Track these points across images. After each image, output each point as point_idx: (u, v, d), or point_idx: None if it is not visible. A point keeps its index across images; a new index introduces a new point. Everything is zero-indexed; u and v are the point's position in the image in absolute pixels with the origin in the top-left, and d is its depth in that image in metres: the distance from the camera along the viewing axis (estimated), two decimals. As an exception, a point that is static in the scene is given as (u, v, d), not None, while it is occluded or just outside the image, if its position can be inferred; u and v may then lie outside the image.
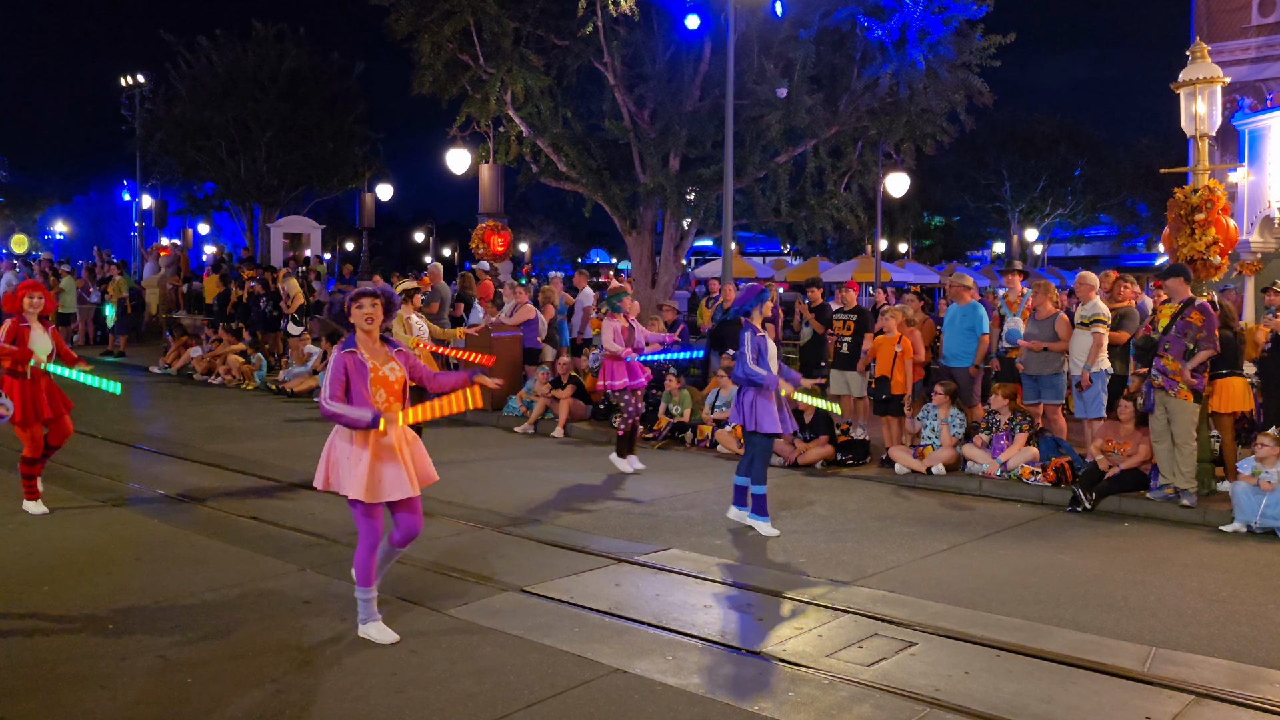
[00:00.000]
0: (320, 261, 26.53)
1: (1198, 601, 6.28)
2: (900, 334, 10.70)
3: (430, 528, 7.73)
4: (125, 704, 4.46)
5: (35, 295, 7.86)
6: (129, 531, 7.30)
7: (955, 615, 5.89)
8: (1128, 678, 4.99)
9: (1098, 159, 46.85)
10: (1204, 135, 9.15)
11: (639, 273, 19.53)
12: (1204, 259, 8.95)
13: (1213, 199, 8.91)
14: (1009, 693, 4.77)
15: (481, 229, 18.73)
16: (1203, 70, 9.12)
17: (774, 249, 52.68)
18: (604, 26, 17.05)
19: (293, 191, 31.10)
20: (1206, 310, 8.48)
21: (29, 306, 7.80)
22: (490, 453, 11.24)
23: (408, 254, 57.56)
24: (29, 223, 56.68)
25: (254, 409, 14.36)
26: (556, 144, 18.56)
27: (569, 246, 66.92)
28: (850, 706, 4.60)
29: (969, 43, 16.90)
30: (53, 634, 5.26)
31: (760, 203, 18.92)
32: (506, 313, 14.34)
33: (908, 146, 19.03)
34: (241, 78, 28.80)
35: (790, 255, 44.99)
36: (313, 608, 5.81)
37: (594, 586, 6.26)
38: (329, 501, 8.53)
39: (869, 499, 9.21)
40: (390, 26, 18.01)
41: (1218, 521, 8.18)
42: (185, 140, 29.27)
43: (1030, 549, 7.53)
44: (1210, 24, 21.65)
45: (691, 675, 4.92)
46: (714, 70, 17.53)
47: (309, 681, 4.74)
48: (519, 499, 8.84)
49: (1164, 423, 8.58)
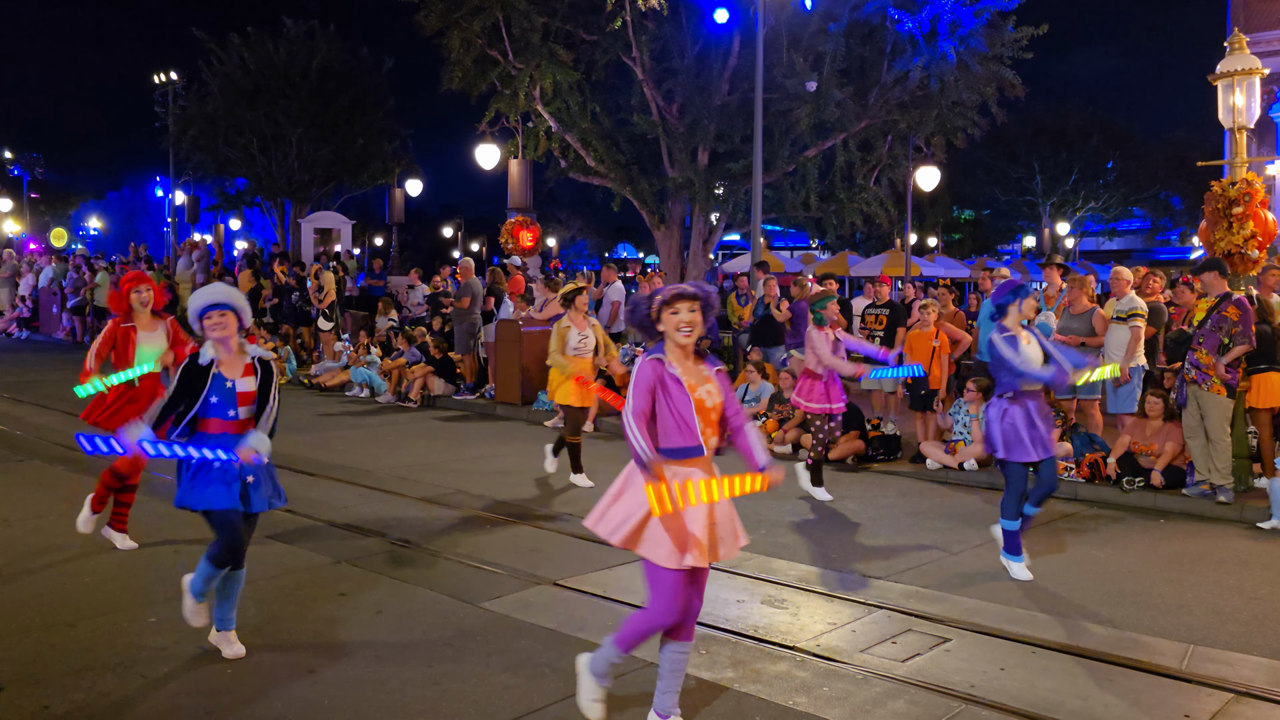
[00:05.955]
0: (350, 257, 26.71)
1: (1235, 599, 6.21)
2: (937, 328, 10.64)
3: (463, 521, 7.81)
4: (166, 694, 4.52)
5: (143, 289, 6.77)
6: (166, 525, 7.38)
7: (989, 611, 5.86)
8: (1165, 675, 4.95)
9: (1130, 151, 46.32)
10: (1242, 127, 9.04)
11: (667, 267, 19.54)
12: (1242, 253, 8.85)
13: (1251, 192, 8.81)
14: (1044, 690, 4.75)
15: (510, 224, 18.81)
16: (1241, 61, 9.00)
17: (803, 243, 52.53)
18: (632, 21, 17.07)
19: (323, 187, 31.36)
20: (1243, 305, 8.37)
21: (137, 303, 6.73)
22: (520, 446, 11.28)
23: (436, 249, 57.81)
24: (64, 218, 57.51)
25: (286, 403, 14.43)
26: (585, 139, 18.60)
27: (596, 241, 66.99)
28: (885, 702, 4.59)
29: (1000, 34, 16.78)
30: (94, 624, 5.34)
31: (789, 197, 18.89)
32: (536, 307, 14.38)
33: (938, 140, 18.94)
34: (273, 75, 29.07)
35: (819, 249, 44.83)
36: (348, 600, 5.86)
37: (626, 580, 6.28)
38: (361, 494, 8.62)
39: (901, 494, 9.17)
40: (419, 23, 18.12)
41: (1255, 518, 8.08)
42: (217, 137, 29.58)
43: (1064, 545, 7.47)
44: (1247, 14, 21.36)
45: (725, 669, 4.93)
46: (742, 64, 17.51)
47: (346, 673, 4.79)
48: (550, 493, 8.88)
49: (1197, 418, 8.49)
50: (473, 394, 14.64)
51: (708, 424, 4.09)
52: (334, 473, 9.48)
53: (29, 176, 46.20)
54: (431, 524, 7.69)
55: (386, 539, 7.22)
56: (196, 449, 4.56)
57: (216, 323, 4.82)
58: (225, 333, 4.83)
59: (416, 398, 14.41)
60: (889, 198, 19.99)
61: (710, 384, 4.13)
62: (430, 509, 8.21)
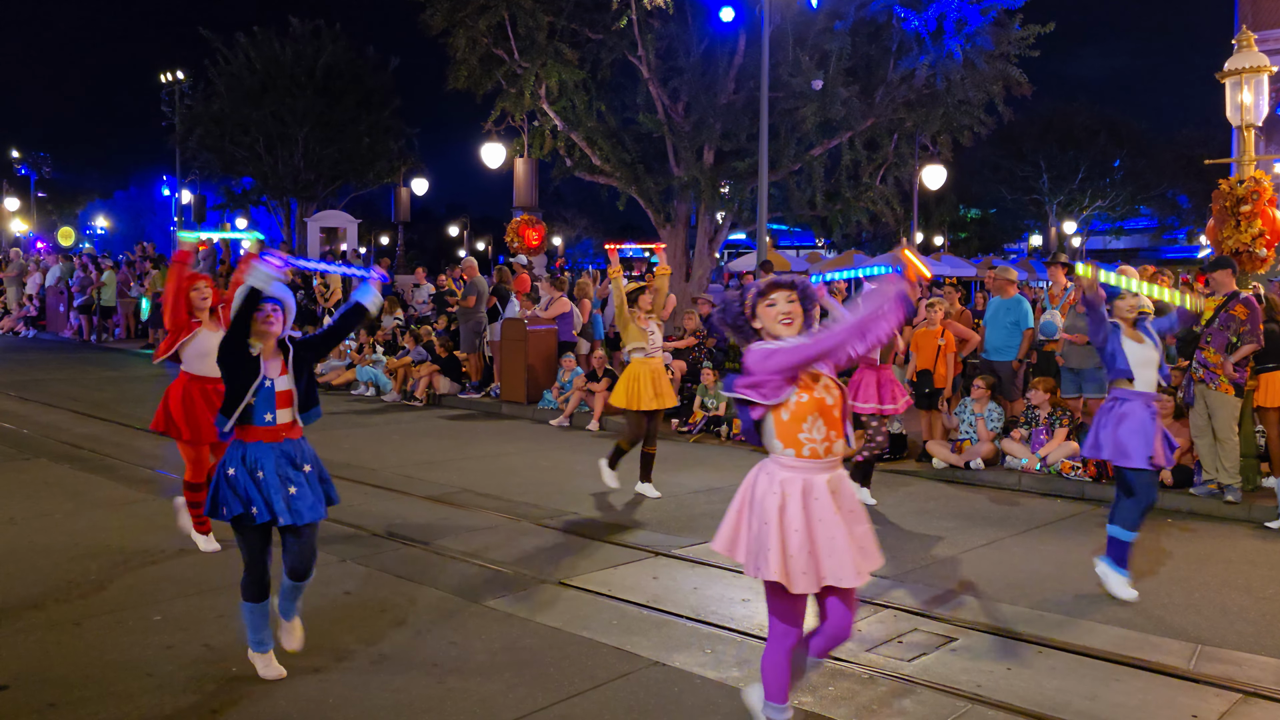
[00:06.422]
0: (357, 255, 26.73)
1: (1243, 598, 6.18)
2: (943, 326, 10.62)
3: (468, 520, 7.81)
4: (173, 691, 4.52)
5: (202, 285, 6.65)
6: (173, 523, 7.39)
7: (996, 611, 5.84)
8: (1173, 675, 4.93)
9: (1138, 150, 46.22)
10: (1250, 125, 9.00)
11: (673, 266, 19.52)
12: (1250, 251, 8.82)
13: (1259, 190, 8.78)
14: (1052, 689, 4.73)
15: (516, 223, 18.82)
16: (1249, 59, 8.97)
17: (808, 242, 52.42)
18: (638, 20, 17.06)
19: (329, 186, 31.44)
20: (1252, 304, 8.34)
21: (198, 301, 6.61)
22: (525, 445, 11.28)
23: (442, 248, 57.91)
24: (71, 217, 57.67)
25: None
26: (590, 138, 18.59)
27: (602, 240, 66.91)
28: (891, 701, 4.58)
29: (1007, 33, 16.74)
30: (100, 622, 5.35)
31: (795, 195, 18.86)
32: (542, 306, 14.39)
33: (944, 138, 18.90)
34: (279, 74, 29.16)
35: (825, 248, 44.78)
36: (353, 598, 5.86)
37: (632, 579, 6.27)
38: (367, 493, 8.63)
39: (907, 494, 9.15)
40: (425, 22, 18.13)
41: (1263, 518, 8.05)
42: (223, 136, 29.67)
43: (1071, 544, 7.45)
44: (1255, 11, 21.27)
45: (730, 668, 4.92)
46: (748, 63, 17.49)
47: (352, 671, 4.78)
48: (555, 492, 8.87)
49: (1205, 417, 8.46)
50: (478, 393, 14.64)
51: (831, 425, 3.70)
52: (339, 471, 9.46)
53: (36, 176, 46.35)
54: (436, 522, 7.69)
55: (391, 538, 7.22)
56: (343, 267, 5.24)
57: (268, 315, 4.51)
58: (274, 330, 4.54)
59: (422, 396, 14.42)
60: (895, 196, 19.96)
61: (827, 379, 3.74)
62: (435, 508, 8.21)
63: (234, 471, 4.47)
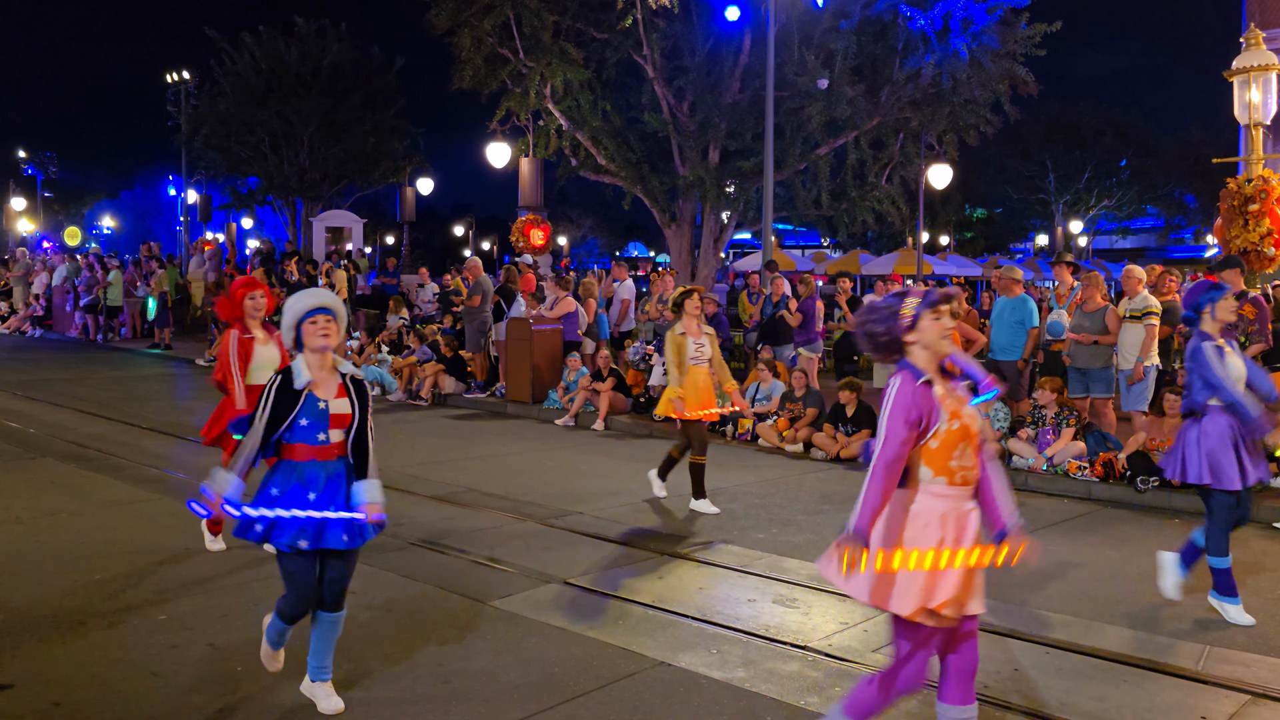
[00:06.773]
0: (362, 255, 26.77)
1: (1252, 599, 6.14)
2: (952, 326, 10.59)
3: (473, 520, 7.80)
4: (177, 690, 4.52)
5: (257, 295, 6.49)
6: (179, 522, 7.39)
7: (1002, 612, 5.81)
8: (1181, 676, 4.91)
9: (1144, 149, 46.15)
10: (1258, 124, 8.97)
11: (678, 265, 19.52)
12: (1258, 250, 8.79)
13: (1267, 189, 8.75)
14: (1059, 690, 4.71)
15: (521, 222, 18.82)
16: (1257, 57, 8.94)
17: (814, 242, 52.43)
18: (643, 19, 17.06)
19: (334, 186, 31.48)
20: (1260, 303, 8.32)
21: (251, 309, 6.43)
22: (531, 445, 11.28)
23: (448, 247, 57.98)
24: (77, 217, 57.85)
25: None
26: (596, 137, 18.59)
27: (607, 239, 67.05)
28: (897, 702, 4.55)
29: (1013, 31, 16.71)
30: (105, 621, 5.34)
31: (800, 195, 18.84)
32: (547, 306, 14.38)
33: (950, 137, 18.87)
34: (284, 74, 29.19)
35: (831, 248, 44.75)
36: (359, 598, 5.84)
37: (637, 579, 6.25)
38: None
39: (912, 493, 9.11)
40: (430, 21, 18.13)
41: (1271, 518, 8.01)
42: (229, 136, 29.71)
43: (1078, 545, 7.42)
44: (1263, 9, 21.16)
45: (736, 669, 4.90)
46: (754, 62, 17.47)
47: (357, 670, 4.78)
48: (560, 491, 8.86)
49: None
50: (483, 392, 14.63)
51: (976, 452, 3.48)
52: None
53: (43, 176, 46.45)
54: (441, 522, 7.68)
55: (397, 537, 7.20)
56: (302, 508, 4.09)
57: (322, 328, 4.20)
58: (329, 341, 4.21)
59: (427, 396, 14.42)
60: (901, 196, 19.92)
61: (966, 404, 3.50)
62: (440, 507, 8.20)
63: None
